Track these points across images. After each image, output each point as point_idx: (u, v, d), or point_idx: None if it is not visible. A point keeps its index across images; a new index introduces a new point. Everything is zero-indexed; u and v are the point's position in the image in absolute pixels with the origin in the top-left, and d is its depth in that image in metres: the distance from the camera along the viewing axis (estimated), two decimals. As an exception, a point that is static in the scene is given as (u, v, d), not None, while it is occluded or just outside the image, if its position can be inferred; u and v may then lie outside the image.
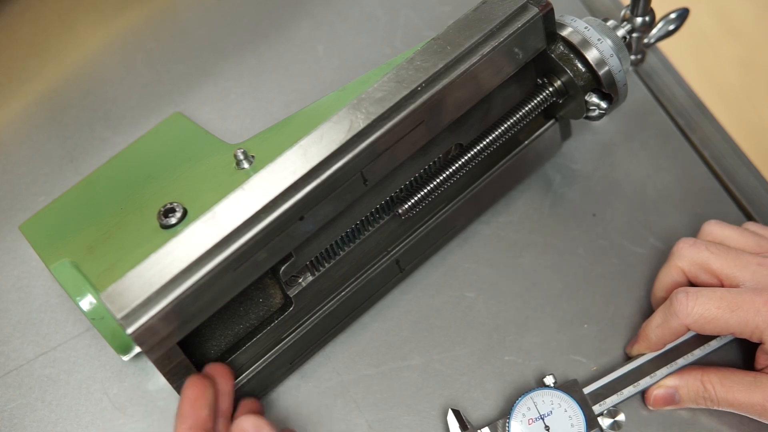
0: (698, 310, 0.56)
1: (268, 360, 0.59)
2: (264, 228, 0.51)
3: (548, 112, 0.65)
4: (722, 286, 0.58)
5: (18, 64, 0.76)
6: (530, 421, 0.58)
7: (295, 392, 0.62)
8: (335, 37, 0.75)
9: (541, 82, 0.62)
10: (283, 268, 0.56)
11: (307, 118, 0.61)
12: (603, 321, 0.64)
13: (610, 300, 0.64)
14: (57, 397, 0.62)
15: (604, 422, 0.59)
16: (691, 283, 0.60)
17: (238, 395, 0.58)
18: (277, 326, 0.59)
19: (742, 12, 1.60)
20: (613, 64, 0.59)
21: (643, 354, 0.60)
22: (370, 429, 0.61)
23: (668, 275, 0.60)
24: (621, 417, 0.59)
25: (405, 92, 0.53)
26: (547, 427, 0.58)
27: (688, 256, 0.59)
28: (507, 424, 0.58)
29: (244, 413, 0.55)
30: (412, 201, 0.59)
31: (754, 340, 0.56)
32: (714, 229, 0.61)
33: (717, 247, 0.59)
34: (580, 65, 0.59)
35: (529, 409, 0.58)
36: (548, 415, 0.58)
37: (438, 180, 0.59)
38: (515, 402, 0.59)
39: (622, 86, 0.59)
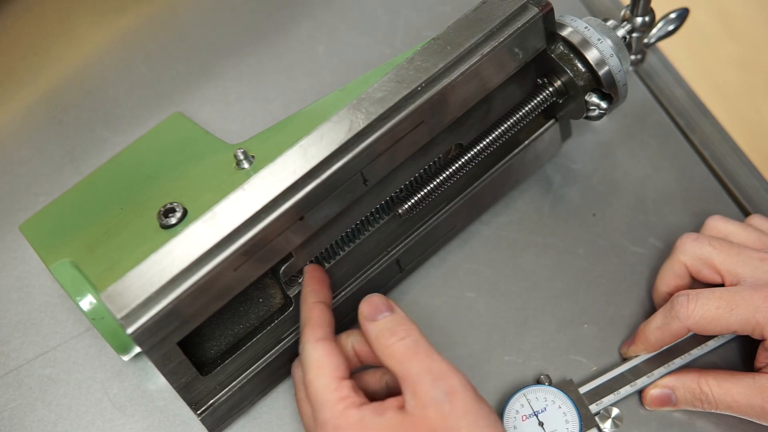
0: (699, 311, 0.56)
1: (269, 360, 0.59)
2: (264, 228, 0.51)
3: (548, 112, 0.64)
4: (723, 281, 0.59)
5: (18, 64, 0.76)
6: (524, 417, 0.58)
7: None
8: (335, 38, 0.75)
9: (541, 82, 0.62)
10: (283, 268, 0.56)
11: (307, 118, 0.61)
12: (603, 321, 0.64)
13: (610, 300, 0.64)
14: (57, 397, 0.62)
15: (601, 421, 0.59)
16: (693, 278, 0.60)
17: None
18: (277, 326, 0.59)
19: (742, 12, 1.60)
20: (613, 64, 0.59)
21: (638, 355, 0.60)
22: (370, 429, 0.60)
23: (671, 270, 0.61)
24: (618, 416, 0.59)
25: (405, 92, 0.53)
26: (541, 423, 0.58)
27: (690, 251, 0.60)
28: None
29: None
30: (412, 201, 0.59)
31: (756, 336, 0.56)
32: (717, 224, 0.62)
33: (719, 242, 0.59)
34: (580, 65, 0.59)
35: (522, 405, 0.59)
36: (542, 411, 0.58)
37: (438, 180, 0.59)
38: (508, 398, 0.59)
39: (622, 86, 0.59)
